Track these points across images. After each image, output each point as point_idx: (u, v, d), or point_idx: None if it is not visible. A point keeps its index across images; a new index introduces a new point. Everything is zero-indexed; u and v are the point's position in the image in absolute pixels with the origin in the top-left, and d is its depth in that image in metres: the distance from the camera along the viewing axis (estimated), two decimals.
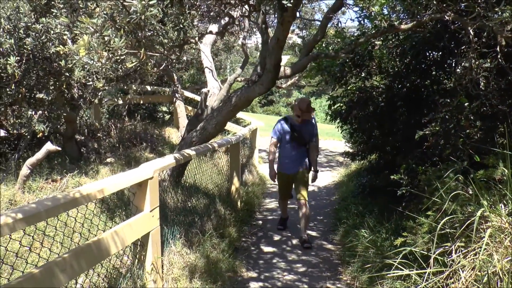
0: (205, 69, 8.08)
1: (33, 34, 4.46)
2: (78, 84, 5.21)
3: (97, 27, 2.91)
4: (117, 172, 6.22)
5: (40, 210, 2.09)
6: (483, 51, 3.84)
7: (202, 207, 5.26)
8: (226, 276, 4.04)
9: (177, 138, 9.64)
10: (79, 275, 2.48)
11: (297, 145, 5.41)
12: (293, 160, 5.42)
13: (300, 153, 5.43)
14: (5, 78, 4.60)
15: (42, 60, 4.84)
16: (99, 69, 3.12)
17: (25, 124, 5.15)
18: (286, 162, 5.45)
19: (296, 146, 5.41)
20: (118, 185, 2.79)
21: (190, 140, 5.20)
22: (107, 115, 10.74)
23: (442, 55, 5.10)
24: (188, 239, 4.17)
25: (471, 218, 3.03)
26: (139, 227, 3.02)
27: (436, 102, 4.46)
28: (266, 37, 4.69)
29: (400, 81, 5.65)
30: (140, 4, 2.77)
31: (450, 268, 2.88)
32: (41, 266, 2.16)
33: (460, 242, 3.05)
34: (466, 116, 4.14)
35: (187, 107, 11.13)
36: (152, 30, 3.05)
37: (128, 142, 7.97)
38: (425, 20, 4.12)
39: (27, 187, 4.85)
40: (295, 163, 5.42)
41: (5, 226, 1.89)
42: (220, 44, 12.75)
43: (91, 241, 2.52)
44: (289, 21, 4.02)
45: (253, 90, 4.71)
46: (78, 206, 2.40)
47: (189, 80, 14.11)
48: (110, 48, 2.92)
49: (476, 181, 3.07)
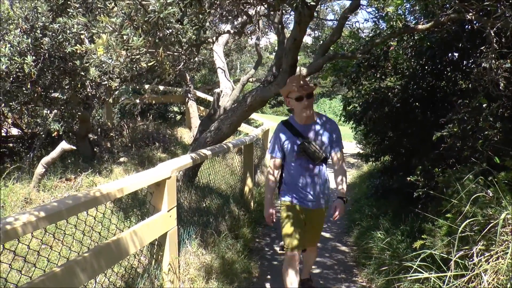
0: (218, 69, 8.06)
1: (49, 34, 4.48)
2: (93, 83, 5.22)
3: (116, 26, 2.91)
4: (130, 171, 6.23)
5: (61, 209, 2.08)
6: (503, 51, 3.78)
7: (216, 207, 5.25)
8: (242, 277, 4.02)
9: (189, 138, 9.65)
10: (99, 274, 2.47)
11: (309, 162, 3.32)
12: (311, 186, 3.35)
13: (317, 173, 3.36)
14: (21, 77, 4.62)
15: (58, 60, 4.85)
16: (117, 68, 3.12)
17: (40, 123, 5.17)
18: (301, 189, 3.37)
19: (309, 164, 3.33)
20: (137, 184, 2.78)
21: (205, 141, 5.18)
22: (119, 114, 10.78)
23: (459, 55, 5.04)
24: (204, 240, 4.16)
25: (492, 221, 2.98)
26: (157, 227, 3.01)
27: (454, 103, 4.40)
28: (282, 37, 4.66)
29: (416, 82, 5.59)
30: (158, 3, 2.76)
31: (471, 272, 2.84)
32: (62, 265, 2.16)
33: (481, 246, 3.00)
34: (485, 118, 4.08)
35: (199, 107, 11.14)
36: (170, 28, 3.04)
37: (140, 142, 7.98)
38: (443, 21, 4.07)
39: (42, 186, 4.86)
40: (314, 190, 3.36)
41: (29, 224, 1.88)
42: (232, 44, 12.75)
43: (111, 241, 2.51)
44: (307, 21, 3.99)
45: (268, 90, 4.68)
46: (98, 205, 2.39)
47: (200, 81, 14.13)
48: (129, 47, 2.91)
49: (499, 183, 3.02)
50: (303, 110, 3.24)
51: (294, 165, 3.35)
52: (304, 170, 3.32)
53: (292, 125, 3.33)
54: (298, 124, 3.31)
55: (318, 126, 3.32)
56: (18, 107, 4.93)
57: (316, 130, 3.31)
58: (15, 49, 4.32)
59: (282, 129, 3.36)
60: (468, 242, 3.05)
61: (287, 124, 3.36)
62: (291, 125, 3.33)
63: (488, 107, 4.09)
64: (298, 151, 3.26)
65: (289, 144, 3.31)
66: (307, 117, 3.27)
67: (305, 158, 3.26)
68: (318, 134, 3.31)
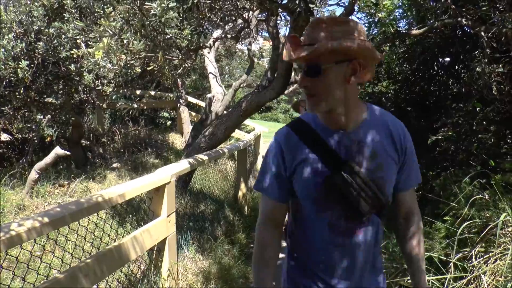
0: (209, 74, 8.06)
1: (44, 38, 4.44)
2: (87, 88, 5.18)
3: (116, 30, 2.90)
4: (124, 177, 6.18)
5: (65, 214, 2.06)
6: (496, 56, 3.85)
7: (211, 212, 5.23)
8: (239, 282, 4.00)
9: (181, 143, 9.61)
10: (101, 280, 2.45)
11: (349, 218, 1.46)
12: (347, 271, 1.51)
13: (363, 241, 1.49)
14: (14, 82, 4.57)
15: (51, 64, 4.81)
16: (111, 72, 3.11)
17: (33, 129, 5.11)
18: (325, 274, 1.52)
19: (347, 222, 1.47)
20: (138, 189, 2.77)
21: (199, 146, 5.17)
22: (110, 120, 10.70)
23: (452, 60, 5.12)
24: (201, 245, 4.14)
25: (490, 223, 3.01)
26: (156, 232, 2.99)
27: (448, 107, 4.47)
28: (277, 42, 4.68)
29: (408, 86, 5.65)
30: (160, 7, 2.76)
31: (470, 273, 2.86)
32: (65, 271, 2.13)
33: (480, 247, 3.03)
34: (479, 121, 4.14)
35: (191, 113, 11.10)
36: (169, 34, 3.04)
37: (133, 147, 7.93)
38: (437, 26, 4.13)
39: (35, 192, 4.80)
40: (352, 277, 1.52)
41: (33, 230, 1.86)
42: (222, 50, 12.75)
43: (112, 246, 2.48)
44: (302, 25, 4.02)
45: (263, 95, 4.69)
46: (100, 210, 2.38)
47: (191, 86, 14.10)
48: (129, 51, 2.90)
49: (497, 185, 3.06)
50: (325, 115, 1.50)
51: (314, 222, 1.50)
52: (335, 234, 1.47)
53: (312, 130, 1.48)
54: (325, 129, 1.47)
55: (370, 133, 1.46)
56: (11, 112, 4.87)
57: (366, 143, 1.45)
58: (8, 53, 4.27)
59: (289, 140, 1.50)
60: (467, 244, 3.09)
61: (300, 129, 1.51)
62: (310, 130, 1.49)
63: (481, 111, 4.16)
64: (325, 192, 1.44)
65: (305, 173, 1.47)
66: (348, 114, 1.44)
67: (339, 208, 1.45)
68: (370, 151, 1.45)
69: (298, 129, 1.52)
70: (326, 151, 1.46)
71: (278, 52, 4.58)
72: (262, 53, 20.78)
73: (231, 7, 3.53)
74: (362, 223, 1.48)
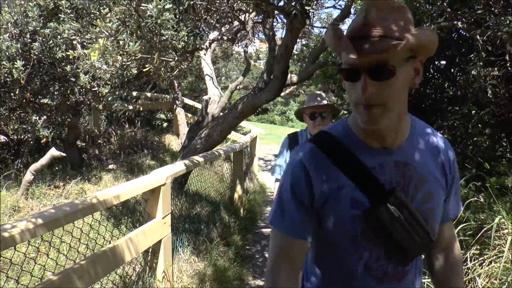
0: (206, 76, 8.05)
1: (40, 39, 4.43)
2: (83, 89, 5.16)
3: (112, 31, 2.89)
4: (120, 179, 6.16)
5: (59, 216, 2.06)
6: (491, 59, 3.87)
7: (207, 214, 5.22)
8: (234, 284, 4.00)
9: (177, 145, 9.60)
10: (95, 282, 2.44)
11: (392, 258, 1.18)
12: None
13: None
14: (9, 83, 4.55)
15: (47, 65, 4.80)
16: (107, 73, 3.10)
17: (29, 130, 5.09)
18: None
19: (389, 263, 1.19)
20: (133, 191, 2.76)
21: (195, 147, 5.16)
22: (106, 121, 10.68)
23: (448, 63, 5.13)
24: (196, 247, 4.13)
25: (485, 226, 3.02)
26: (152, 234, 2.98)
27: (444, 109, 4.48)
28: (273, 44, 4.68)
29: None
30: (156, 8, 2.76)
31: (466, 276, 2.87)
32: (60, 273, 2.12)
33: (475, 250, 3.04)
34: (474, 124, 4.16)
35: (187, 114, 11.10)
36: (166, 35, 3.04)
37: (129, 149, 7.91)
38: (433, 29, 4.14)
39: (30, 193, 4.78)
40: None
41: (27, 231, 1.85)
42: (219, 51, 12.76)
43: (107, 248, 2.47)
44: (298, 28, 4.02)
45: (260, 97, 4.69)
46: (95, 211, 2.37)
47: (187, 88, 14.10)
48: (125, 52, 2.90)
49: (492, 188, 3.07)
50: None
51: (345, 264, 1.23)
52: (371, 279, 1.21)
53: (345, 148, 1.18)
54: (363, 147, 1.18)
55: (417, 153, 1.21)
56: (6, 113, 4.85)
57: (413, 165, 1.18)
58: (3, 54, 4.26)
59: (317, 161, 1.18)
60: (462, 246, 3.09)
61: (330, 147, 1.19)
62: (343, 148, 1.18)
63: (477, 114, 4.18)
64: (364, 228, 1.16)
65: (339, 204, 1.16)
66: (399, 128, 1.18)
67: (381, 247, 1.18)
68: (418, 175, 1.19)
69: (326, 146, 1.18)
70: (366, 176, 1.14)
71: (274, 54, 4.59)
72: (259, 55, 20.83)
73: (227, 9, 3.54)
74: (407, 266, 1.21)
